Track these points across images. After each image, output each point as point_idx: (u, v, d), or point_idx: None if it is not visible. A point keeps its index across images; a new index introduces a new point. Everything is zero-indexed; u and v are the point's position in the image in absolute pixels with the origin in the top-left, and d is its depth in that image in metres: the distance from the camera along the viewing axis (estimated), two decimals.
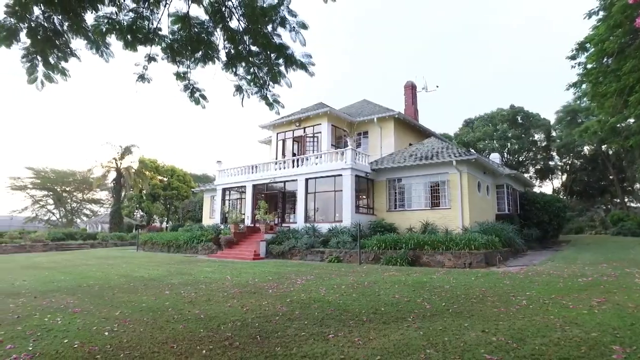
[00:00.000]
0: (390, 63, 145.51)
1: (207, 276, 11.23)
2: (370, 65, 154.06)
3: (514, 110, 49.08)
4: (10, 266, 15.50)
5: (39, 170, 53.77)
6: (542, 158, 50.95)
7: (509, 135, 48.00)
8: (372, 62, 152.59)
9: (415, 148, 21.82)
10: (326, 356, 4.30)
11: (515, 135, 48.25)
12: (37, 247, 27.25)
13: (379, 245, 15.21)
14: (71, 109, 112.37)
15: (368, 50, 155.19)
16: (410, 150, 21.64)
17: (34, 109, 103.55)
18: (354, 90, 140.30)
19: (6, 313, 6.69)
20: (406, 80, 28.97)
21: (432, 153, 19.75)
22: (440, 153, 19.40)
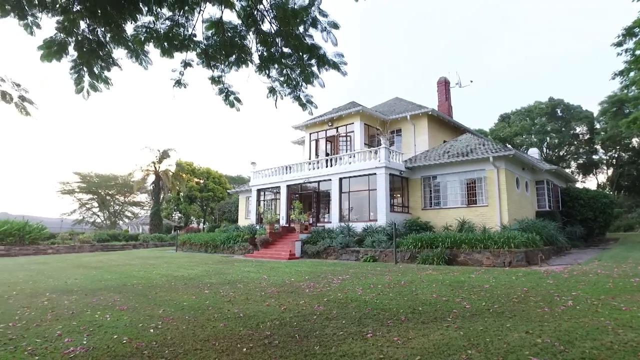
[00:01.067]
0: (422, 59, 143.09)
1: (245, 276, 11.45)
2: (401, 62, 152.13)
3: (553, 103, 47.08)
4: (63, 265, 16.37)
5: (85, 174, 56.53)
6: (584, 152, 48.55)
7: (548, 129, 46.09)
8: (404, 59, 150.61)
9: (450, 145, 21.38)
10: (365, 355, 4.29)
11: (555, 128, 46.27)
12: (85, 247, 28.65)
13: (414, 244, 15.02)
14: (113, 116, 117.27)
15: (399, 46, 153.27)
16: (445, 147, 21.23)
17: (79, 117, 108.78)
18: (385, 88, 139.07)
19: (62, 309, 7.08)
20: (439, 76, 28.48)
21: (467, 149, 19.31)
22: (476, 149, 18.93)
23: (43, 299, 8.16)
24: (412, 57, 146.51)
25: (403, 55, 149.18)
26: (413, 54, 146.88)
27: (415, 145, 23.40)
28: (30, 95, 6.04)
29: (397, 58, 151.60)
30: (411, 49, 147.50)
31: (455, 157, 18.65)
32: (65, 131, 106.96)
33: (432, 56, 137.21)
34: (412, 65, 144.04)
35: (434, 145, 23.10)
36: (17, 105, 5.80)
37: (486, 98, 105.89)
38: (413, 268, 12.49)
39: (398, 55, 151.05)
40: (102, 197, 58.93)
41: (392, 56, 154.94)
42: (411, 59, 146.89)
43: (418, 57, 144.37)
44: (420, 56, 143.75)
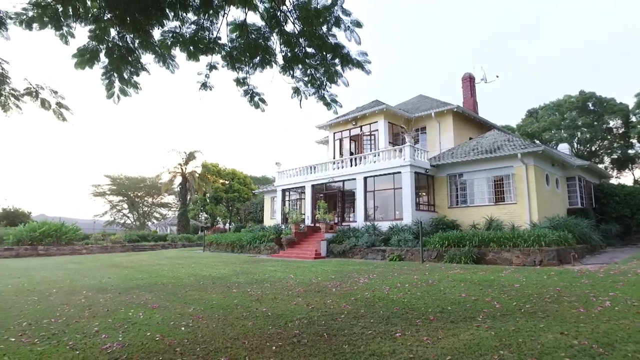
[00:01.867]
0: (445, 55, 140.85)
1: (271, 275, 11.56)
2: (425, 59, 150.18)
3: (584, 96, 45.39)
4: (97, 265, 16.94)
5: (115, 177, 58.30)
6: (619, 146, 46.56)
7: (578, 123, 44.47)
8: (427, 56, 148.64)
9: (476, 142, 20.98)
10: (394, 355, 4.27)
11: (587, 123, 44.58)
12: (116, 247, 29.54)
13: (441, 242, 14.83)
14: (141, 119, 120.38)
15: (422, 43, 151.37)
16: (471, 145, 20.85)
17: (109, 121, 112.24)
18: (408, 85, 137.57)
19: (98, 307, 7.35)
20: (464, 72, 27.96)
21: (494, 146, 18.91)
22: (503, 146, 18.52)
23: (80, 297, 8.48)
24: (435, 54, 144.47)
25: (426, 52, 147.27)
26: (436, 51, 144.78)
27: (441, 142, 23.09)
28: (65, 102, 6.26)
29: (420, 55, 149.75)
30: (435, 46, 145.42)
31: (481, 154, 18.29)
32: (96, 135, 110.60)
33: (456, 52, 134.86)
34: (435, 62, 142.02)
35: (459, 142, 22.73)
36: (54, 112, 6.03)
37: (512, 93, 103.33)
38: (440, 267, 12.33)
39: (421, 52, 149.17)
40: (131, 199, 60.60)
41: (415, 53, 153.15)
42: (435, 56, 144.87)
43: (442, 54, 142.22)
44: (444, 53, 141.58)
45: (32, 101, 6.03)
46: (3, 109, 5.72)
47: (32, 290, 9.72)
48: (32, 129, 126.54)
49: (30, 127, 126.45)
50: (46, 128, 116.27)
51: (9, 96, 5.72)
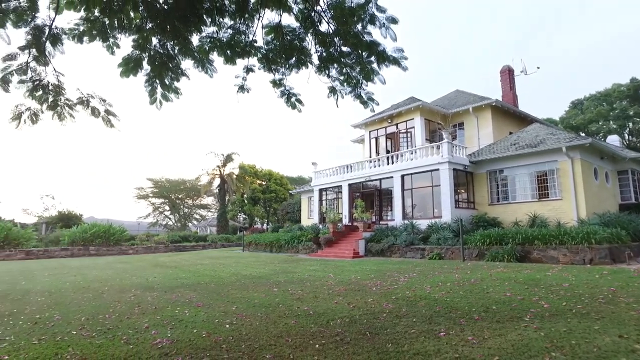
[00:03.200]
0: (482, 49, 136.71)
1: (311, 274, 11.65)
2: (461, 53, 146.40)
3: (635, 84, 42.75)
4: (142, 265, 17.66)
5: (156, 180, 60.55)
6: None
7: (630, 113, 41.96)
8: (463, 50, 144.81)
9: (517, 136, 20.27)
10: (439, 354, 4.20)
11: (639, 112, 42.01)
12: (159, 248, 30.72)
13: (482, 240, 14.43)
14: (181, 123, 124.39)
15: (458, 37, 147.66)
16: (511, 139, 20.16)
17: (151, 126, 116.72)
18: (444, 81, 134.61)
19: (146, 304, 7.67)
20: (502, 65, 27.06)
21: (537, 140, 18.19)
22: (546, 140, 17.79)
23: (130, 295, 8.87)
24: (472, 48, 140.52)
25: (463, 46, 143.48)
26: (473, 44, 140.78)
27: (479, 138, 22.49)
28: (112, 109, 6.57)
29: (457, 49, 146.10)
30: (471, 39, 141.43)
31: (523, 149, 17.66)
32: (139, 140, 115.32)
33: (493, 46, 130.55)
34: (472, 57, 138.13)
35: (499, 137, 22.03)
36: (103, 119, 6.34)
37: (554, 85, 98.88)
38: (482, 265, 12.01)
39: (457, 46, 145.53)
40: (172, 201, 62.74)
41: (451, 47, 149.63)
42: (471, 50, 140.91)
43: (478, 47, 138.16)
44: (480, 46, 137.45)
45: (84, 110, 6.36)
46: (59, 118, 6.08)
47: (87, 287, 10.27)
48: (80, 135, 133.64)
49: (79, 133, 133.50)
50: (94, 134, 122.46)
51: (64, 106, 6.07)
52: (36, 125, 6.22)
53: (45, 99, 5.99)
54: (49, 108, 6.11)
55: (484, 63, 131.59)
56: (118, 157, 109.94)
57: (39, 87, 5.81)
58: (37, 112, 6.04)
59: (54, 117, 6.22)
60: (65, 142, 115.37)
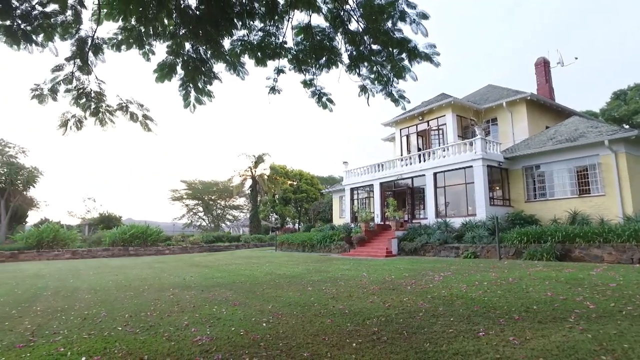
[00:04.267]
0: (515, 43, 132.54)
1: (344, 273, 11.65)
2: (492, 47, 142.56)
3: None
4: (179, 264, 18.17)
5: (190, 182, 62.06)
6: None
7: None
8: (495, 44, 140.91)
9: (555, 130, 19.54)
10: (479, 354, 4.12)
11: None
12: (194, 248, 31.51)
13: (519, 238, 14.01)
14: (213, 126, 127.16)
15: (489, 31, 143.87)
16: (548, 134, 19.46)
17: (184, 129, 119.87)
18: (476, 76, 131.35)
19: (185, 302, 7.90)
20: (537, 57, 26.12)
21: (576, 134, 17.48)
22: (586, 133, 17.06)
23: (168, 294, 9.15)
24: (503, 41, 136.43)
25: (494, 40, 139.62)
26: (505, 38, 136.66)
27: (514, 133, 21.82)
28: (149, 114, 6.80)
29: (488, 43, 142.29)
30: (503, 33, 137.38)
31: (561, 144, 17.01)
32: (173, 143, 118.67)
33: (527, 38, 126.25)
34: (504, 50, 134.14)
35: (534, 132, 21.29)
36: (141, 123, 6.58)
37: (594, 76, 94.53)
38: (520, 264, 11.67)
39: (489, 40, 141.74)
40: (205, 202, 64.14)
41: (482, 42, 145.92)
42: (503, 43, 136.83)
43: (510, 41, 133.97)
44: (513, 39, 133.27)
45: (123, 115, 6.62)
46: (101, 124, 6.35)
47: (128, 286, 10.68)
48: (118, 139, 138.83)
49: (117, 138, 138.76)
50: (131, 138, 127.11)
51: (105, 112, 6.34)
52: (80, 131, 6.53)
53: (88, 106, 6.28)
54: (92, 114, 6.39)
55: (517, 57, 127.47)
56: (153, 160, 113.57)
57: (82, 95, 6.10)
58: (81, 118, 6.33)
59: (96, 123, 6.50)
60: (105, 147, 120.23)
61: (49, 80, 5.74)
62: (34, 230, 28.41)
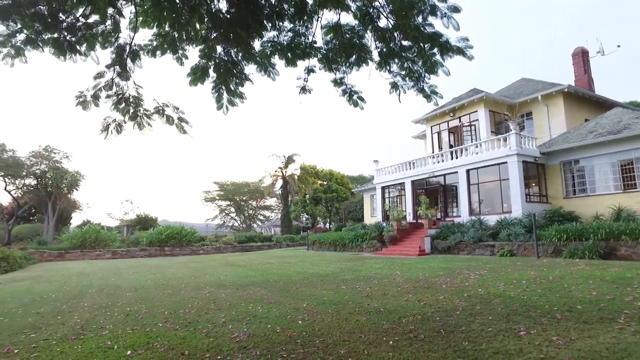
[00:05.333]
0: (549, 34, 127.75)
1: (377, 272, 11.59)
2: (525, 40, 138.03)
3: None
4: (213, 264, 18.56)
5: (222, 183, 63.19)
6: None
7: None
8: (529, 37, 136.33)
9: (595, 123, 18.71)
10: (522, 354, 4.01)
11: None
12: (227, 248, 32.11)
13: (558, 236, 13.53)
14: (243, 127, 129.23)
15: (521, 23, 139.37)
16: (588, 127, 18.66)
17: (215, 131, 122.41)
18: (508, 70, 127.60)
19: (221, 300, 8.07)
20: (574, 48, 25.07)
21: (620, 126, 16.68)
22: (631, 125, 16.26)
23: (205, 292, 9.37)
24: (536, 34, 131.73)
25: (526, 31, 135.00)
26: (539, 29, 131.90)
27: (550, 127, 21.06)
28: (185, 116, 6.99)
29: (519, 36, 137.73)
30: (535, 25, 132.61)
31: (603, 137, 16.28)
32: (205, 145, 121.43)
33: (561, 29, 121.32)
34: (536, 43, 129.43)
35: (573, 125, 20.47)
36: (177, 126, 6.78)
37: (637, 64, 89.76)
38: (560, 262, 11.26)
39: (520, 33, 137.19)
40: (237, 203, 65.13)
41: (514, 34, 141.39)
42: (535, 36, 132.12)
43: (543, 33, 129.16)
44: (545, 31, 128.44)
45: (159, 118, 6.83)
46: (139, 128, 6.59)
47: (166, 285, 11.00)
48: (154, 143, 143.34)
49: (153, 141, 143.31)
50: (164, 141, 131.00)
51: (143, 116, 6.57)
52: (120, 134, 6.80)
53: (127, 110, 6.52)
54: (130, 119, 6.64)
55: (550, 49, 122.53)
56: (187, 162, 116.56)
57: (122, 100, 6.35)
58: (121, 123, 6.59)
59: (134, 126, 6.74)
60: (141, 150, 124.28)
61: (92, 87, 6.00)
62: (78, 231, 29.79)
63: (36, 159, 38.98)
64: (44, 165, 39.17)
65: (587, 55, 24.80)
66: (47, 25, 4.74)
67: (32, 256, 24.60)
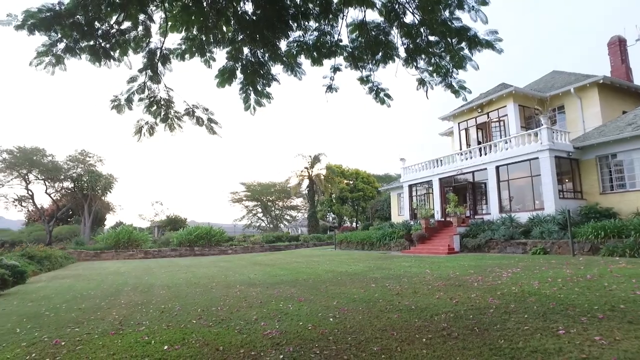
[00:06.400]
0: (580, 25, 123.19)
1: (406, 270, 11.49)
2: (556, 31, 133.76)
3: None
4: (242, 263, 18.84)
5: (249, 184, 63.96)
6: None
7: None
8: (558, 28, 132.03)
9: (635, 115, 17.93)
10: (561, 353, 3.89)
11: None
12: (255, 248, 32.51)
13: (595, 233, 13.05)
14: (269, 129, 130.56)
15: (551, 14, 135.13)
16: (626, 119, 17.89)
17: (241, 133, 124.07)
18: (537, 63, 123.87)
19: (252, 299, 8.18)
20: (610, 37, 24.06)
21: None
22: None
23: (235, 290, 9.53)
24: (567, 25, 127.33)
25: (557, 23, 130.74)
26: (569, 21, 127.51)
27: (584, 121, 20.31)
28: (214, 117, 7.12)
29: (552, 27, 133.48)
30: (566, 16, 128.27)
31: None
32: (232, 146, 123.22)
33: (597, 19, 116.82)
34: (571, 33, 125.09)
35: (609, 118, 19.66)
36: (206, 127, 6.91)
37: None
38: (598, 261, 10.86)
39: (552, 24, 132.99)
40: (264, 204, 65.76)
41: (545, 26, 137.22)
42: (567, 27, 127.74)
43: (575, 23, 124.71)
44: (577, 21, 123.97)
45: (189, 120, 6.98)
46: (170, 129, 6.76)
47: (197, 283, 11.25)
48: (182, 146, 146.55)
49: (181, 144, 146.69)
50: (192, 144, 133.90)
51: (173, 117, 6.74)
52: (152, 136, 6.99)
53: (159, 112, 6.69)
54: (162, 121, 6.81)
55: (586, 40, 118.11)
56: (214, 163, 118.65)
57: (153, 102, 6.52)
58: (153, 125, 6.78)
59: (166, 128, 6.92)
60: (169, 153, 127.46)
61: (125, 91, 6.20)
62: (112, 232, 30.87)
63: (73, 163, 40.66)
64: (79, 169, 40.79)
65: (624, 44, 23.75)
66: (84, 34, 4.93)
67: (71, 256, 25.74)
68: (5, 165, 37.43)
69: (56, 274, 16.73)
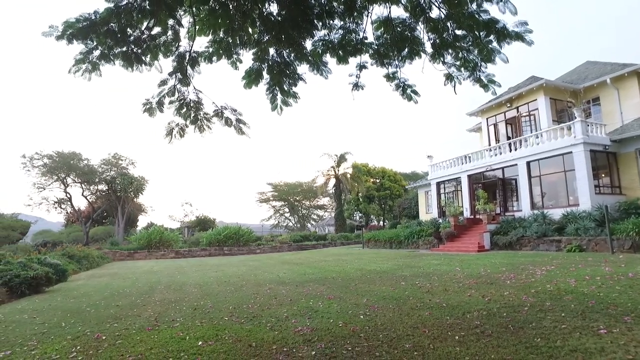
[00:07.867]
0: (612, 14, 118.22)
1: (436, 268, 11.35)
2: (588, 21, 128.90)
3: None
4: (271, 262, 19.05)
5: (276, 184, 64.54)
6: None
7: None
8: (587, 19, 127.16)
9: None
10: (604, 353, 3.76)
11: None
12: (283, 247, 32.77)
13: (637, 230, 12.51)
14: (296, 128, 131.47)
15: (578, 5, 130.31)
16: None
17: (268, 134, 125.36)
18: (567, 55, 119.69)
19: (282, 297, 8.27)
20: None
21: None
22: None
23: (265, 288, 9.65)
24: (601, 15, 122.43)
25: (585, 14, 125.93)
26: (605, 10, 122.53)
27: (622, 112, 19.43)
28: (242, 118, 7.24)
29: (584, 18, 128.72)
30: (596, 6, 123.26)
31: None
32: (259, 147, 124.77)
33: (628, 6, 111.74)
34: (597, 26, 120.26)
35: None
36: (235, 127, 7.03)
37: None
38: (639, 258, 10.39)
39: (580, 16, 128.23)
40: (291, 203, 66.21)
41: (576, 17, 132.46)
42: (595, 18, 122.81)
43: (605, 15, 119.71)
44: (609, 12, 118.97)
45: (218, 121, 7.12)
46: (199, 131, 6.92)
47: (227, 282, 11.46)
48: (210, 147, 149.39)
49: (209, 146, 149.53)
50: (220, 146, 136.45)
51: (203, 119, 6.89)
52: (183, 138, 7.17)
53: (189, 114, 6.86)
54: (191, 122, 6.98)
55: (618, 29, 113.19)
56: (241, 164, 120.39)
57: (183, 105, 6.69)
58: (183, 126, 6.96)
59: (195, 130, 7.08)
60: (198, 155, 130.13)
61: (156, 94, 6.39)
62: (144, 232, 31.78)
63: (106, 166, 42.17)
64: (112, 171, 42.24)
65: None
66: (117, 40, 5.11)
67: (106, 255, 26.71)
68: (46, 170, 39.25)
69: (94, 273, 17.40)
